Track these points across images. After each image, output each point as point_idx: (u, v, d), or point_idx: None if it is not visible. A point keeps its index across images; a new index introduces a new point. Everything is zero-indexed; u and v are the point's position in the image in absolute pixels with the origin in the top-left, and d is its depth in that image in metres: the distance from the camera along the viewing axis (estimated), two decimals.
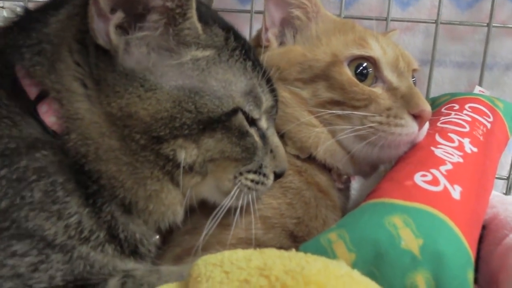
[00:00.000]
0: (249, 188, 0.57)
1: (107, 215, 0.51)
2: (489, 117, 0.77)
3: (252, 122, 0.57)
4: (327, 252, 0.47)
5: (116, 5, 0.48)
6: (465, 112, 0.77)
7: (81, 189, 0.50)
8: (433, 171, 0.57)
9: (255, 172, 0.57)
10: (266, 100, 0.58)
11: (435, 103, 0.89)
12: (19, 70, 0.52)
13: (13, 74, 0.52)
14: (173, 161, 0.51)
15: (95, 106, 0.50)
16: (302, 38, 0.73)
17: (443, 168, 0.58)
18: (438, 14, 0.98)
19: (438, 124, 0.73)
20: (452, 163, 0.59)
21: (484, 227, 0.64)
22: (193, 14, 0.50)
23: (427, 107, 0.64)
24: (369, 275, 0.44)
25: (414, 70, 0.75)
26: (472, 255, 0.48)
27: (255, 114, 0.56)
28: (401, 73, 0.69)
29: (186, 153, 0.51)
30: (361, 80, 0.67)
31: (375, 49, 0.68)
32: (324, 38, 0.70)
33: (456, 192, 0.54)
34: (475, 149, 0.65)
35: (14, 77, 0.52)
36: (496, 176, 1.01)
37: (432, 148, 0.63)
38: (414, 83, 0.74)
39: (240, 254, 0.45)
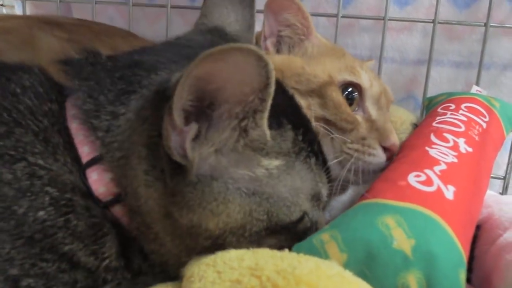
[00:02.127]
0: None
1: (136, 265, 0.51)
2: (485, 117, 0.77)
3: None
4: (319, 252, 0.48)
5: (188, 118, 0.43)
6: (461, 112, 0.77)
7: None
8: (427, 171, 0.57)
9: None
10: (324, 192, 0.55)
11: (432, 102, 0.89)
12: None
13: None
14: None
15: (159, 212, 0.47)
16: (299, 51, 0.76)
17: (437, 168, 0.58)
18: (435, 13, 0.98)
19: (434, 124, 0.73)
20: (446, 163, 0.59)
21: (478, 227, 0.64)
22: (263, 123, 0.46)
23: (396, 142, 0.70)
24: (361, 275, 0.44)
25: (390, 102, 0.81)
26: (464, 255, 0.49)
27: (317, 215, 0.54)
28: (380, 107, 0.75)
29: None
30: (348, 104, 0.71)
31: (364, 80, 0.73)
32: (320, 58, 0.75)
33: (449, 192, 0.54)
34: (470, 149, 0.65)
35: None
36: (493, 175, 1.02)
37: (427, 148, 0.63)
38: None
39: (233, 254, 0.46)
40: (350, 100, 0.72)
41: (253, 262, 0.42)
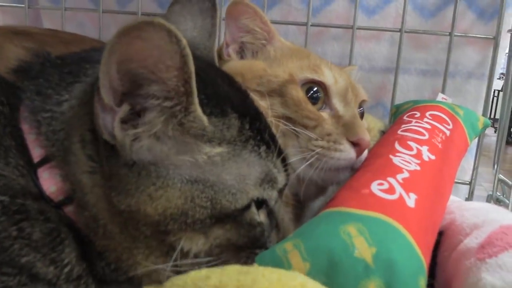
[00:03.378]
0: (251, 259, 0.54)
1: (99, 269, 0.50)
2: (448, 125, 0.79)
3: (263, 201, 0.54)
4: (282, 262, 0.48)
5: (120, 99, 0.44)
6: (425, 119, 0.79)
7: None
8: (390, 179, 0.58)
9: (258, 248, 0.54)
10: (281, 180, 0.55)
11: (399, 109, 0.91)
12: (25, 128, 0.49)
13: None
14: (177, 250, 0.48)
15: (104, 199, 0.47)
16: (262, 56, 0.77)
17: (399, 176, 0.59)
18: (402, 22, 1.01)
19: (399, 132, 0.74)
20: (409, 171, 0.61)
21: (441, 233, 0.65)
22: (196, 108, 0.46)
23: (365, 136, 0.69)
24: (323, 284, 0.45)
25: (363, 101, 0.81)
26: (424, 262, 0.50)
27: (270, 196, 0.53)
28: (348, 103, 0.74)
29: (192, 243, 0.48)
30: (312, 103, 0.71)
31: (328, 77, 0.73)
32: (282, 60, 0.75)
33: (411, 200, 0.55)
34: (432, 157, 0.67)
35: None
36: (459, 181, 1.04)
37: (391, 156, 0.64)
38: (362, 113, 0.81)
39: (203, 273, 0.45)
40: (314, 99, 0.72)
41: (217, 279, 0.42)
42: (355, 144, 0.69)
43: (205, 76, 0.51)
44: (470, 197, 1.04)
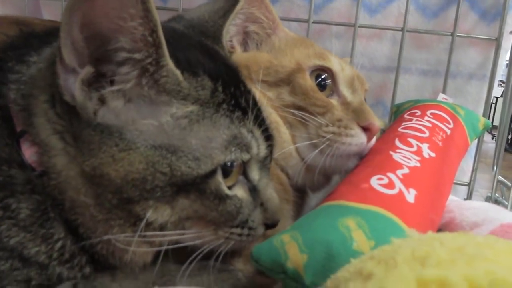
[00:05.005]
0: (233, 239, 0.53)
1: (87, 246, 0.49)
2: (449, 124, 0.79)
3: (243, 172, 0.53)
4: (279, 253, 0.47)
5: (84, 60, 0.44)
6: (426, 118, 0.78)
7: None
8: (390, 174, 0.57)
9: (238, 227, 0.53)
10: (258, 148, 0.53)
11: (400, 109, 0.90)
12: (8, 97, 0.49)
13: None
14: (143, 220, 0.47)
15: (72, 162, 0.46)
16: (266, 47, 0.77)
17: (399, 172, 0.58)
18: (404, 22, 1.00)
19: (399, 129, 0.74)
20: (409, 167, 0.60)
21: (440, 231, 0.64)
22: (167, 62, 0.45)
23: (375, 121, 0.69)
24: (320, 276, 0.44)
25: (365, 91, 0.81)
26: None
27: (239, 158, 0.50)
28: (355, 90, 0.74)
29: (157, 214, 0.47)
30: (320, 90, 0.71)
31: (335, 64, 0.73)
32: (287, 50, 0.75)
33: (410, 195, 0.54)
34: (433, 154, 0.66)
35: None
36: (458, 182, 1.04)
37: (391, 152, 0.64)
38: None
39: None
40: (322, 86, 0.71)
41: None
42: (365, 129, 0.69)
43: (179, 42, 0.52)
44: (469, 198, 1.03)
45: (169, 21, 0.64)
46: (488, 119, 0.92)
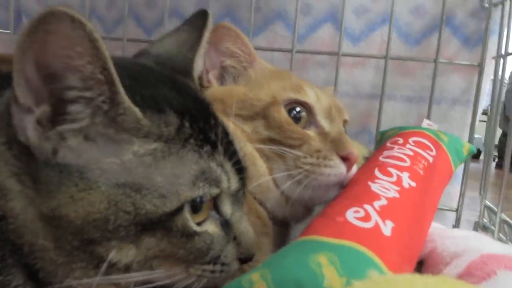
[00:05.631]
0: (205, 276, 0.52)
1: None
2: (432, 151, 0.78)
3: (214, 207, 0.52)
4: None
5: (39, 99, 0.43)
6: (408, 146, 0.78)
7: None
8: (366, 206, 0.56)
9: (210, 263, 0.51)
10: (229, 182, 0.52)
11: (384, 136, 0.90)
12: None
13: None
14: (107, 261, 0.45)
15: (30, 205, 0.44)
16: (243, 80, 0.77)
17: (377, 204, 0.57)
18: (387, 49, 1.01)
19: (380, 158, 0.73)
20: (387, 198, 0.59)
21: (422, 262, 0.63)
22: (123, 99, 0.44)
23: (354, 150, 0.68)
24: None
25: (345, 121, 0.81)
26: None
27: (207, 193, 0.49)
28: (333, 120, 0.74)
29: (121, 254, 0.46)
30: (296, 123, 0.71)
31: (310, 96, 0.73)
32: (264, 83, 0.75)
33: (387, 228, 0.53)
34: (413, 184, 0.65)
35: None
36: (445, 208, 1.03)
37: (369, 183, 0.63)
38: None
39: None
40: (297, 118, 0.71)
41: None
42: (344, 159, 0.68)
43: (147, 78, 0.51)
44: (457, 224, 1.02)
45: (136, 56, 0.63)
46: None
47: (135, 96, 0.46)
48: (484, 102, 1.07)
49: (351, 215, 0.55)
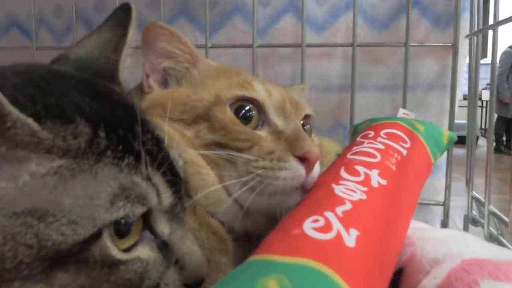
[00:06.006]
0: None
1: None
2: (406, 143, 0.71)
3: (149, 227, 0.45)
4: None
5: None
6: (379, 139, 0.70)
7: None
8: (327, 214, 0.49)
9: None
10: (159, 196, 0.45)
11: (357, 129, 0.82)
12: None
13: None
14: None
15: None
16: (186, 82, 0.69)
17: (339, 209, 0.50)
18: (353, 36, 0.94)
19: (348, 155, 0.65)
20: (352, 202, 0.51)
21: (400, 271, 0.55)
22: (9, 109, 0.36)
23: (312, 149, 0.61)
24: None
25: (308, 117, 0.73)
26: None
27: (130, 213, 0.41)
28: (287, 116, 0.66)
29: None
30: (245, 124, 0.63)
31: (259, 92, 0.65)
32: (208, 82, 0.67)
33: (351, 238, 0.46)
34: (383, 182, 0.58)
35: None
36: (432, 202, 0.95)
37: (333, 186, 0.55)
38: (310, 131, 0.73)
39: None
40: (247, 118, 0.64)
41: None
42: (302, 160, 0.61)
43: (55, 86, 0.44)
44: (445, 219, 0.94)
45: (53, 62, 0.56)
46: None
47: (36, 105, 0.39)
48: (464, 86, 1.00)
49: (309, 225, 0.47)
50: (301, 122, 0.71)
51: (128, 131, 0.44)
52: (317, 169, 0.63)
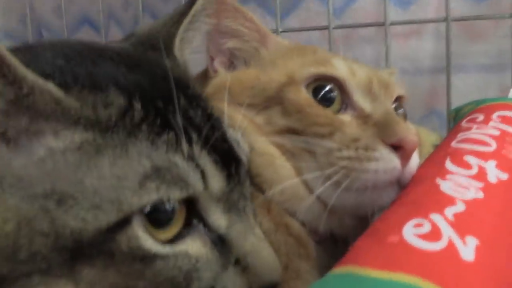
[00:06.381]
0: None
1: None
2: None
3: (199, 217, 0.39)
4: None
5: None
6: (491, 123, 0.58)
7: None
8: (434, 216, 0.38)
9: None
10: (205, 181, 0.38)
11: (459, 113, 0.70)
12: None
13: None
14: None
15: None
16: (255, 63, 0.62)
17: (450, 211, 0.39)
18: (447, 9, 0.83)
19: (453, 143, 0.54)
20: (465, 202, 0.40)
21: None
22: (24, 73, 0.32)
23: (409, 135, 0.51)
24: None
25: (400, 99, 0.63)
26: None
27: (165, 197, 0.36)
28: (375, 98, 0.57)
29: None
30: (325, 107, 0.55)
31: (340, 69, 0.56)
32: (280, 62, 0.60)
33: (468, 249, 0.35)
34: (504, 176, 0.46)
35: None
36: None
37: (438, 181, 0.44)
38: (404, 115, 0.64)
39: None
40: (328, 100, 0.55)
41: None
42: (396, 149, 0.51)
43: (87, 59, 0.41)
44: None
45: (122, 40, 0.55)
46: None
47: (66, 76, 0.36)
48: None
49: (410, 231, 0.37)
50: (393, 106, 0.61)
51: (170, 104, 0.39)
52: (415, 161, 0.53)
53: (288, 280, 0.50)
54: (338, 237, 0.58)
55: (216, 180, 0.39)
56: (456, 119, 0.71)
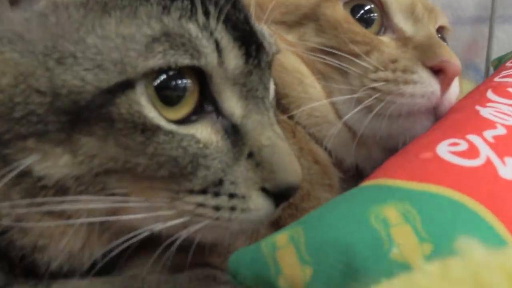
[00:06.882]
0: (205, 216, 0.34)
1: None
2: None
3: (212, 102, 0.35)
4: (267, 264, 0.28)
5: None
6: None
7: None
8: (471, 137, 0.36)
9: (208, 192, 0.34)
10: (222, 54, 0.35)
11: (502, 61, 0.67)
12: None
13: None
14: (29, 175, 0.32)
15: None
16: None
17: (489, 134, 0.36)
18: None
19: (496, 79, 0.51)
20: (506, 127, 0.38)
21: None
22: None
23: (452, 59, 0.46)
24: None
25: (442, 28, 0.59)
26: None
27: (180, 62, 0.33)
28: (418, 20, 0.53)
29: (47, 162, 0.32)
30: (365, 27, 0.51)
31: None
32: None
33: (507, 168, 0.32)
34: None
35: None
36: None
37: (477, 107, 0.42)
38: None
39: None
40: (366, 21, 0.52)
41: None
42: (437, 72, 0.47)
43: None
44: None
45: None
46: None
47: None
48: None
49: (444, 148, 0.34)
50: (437, 35, 0.56)
51: None
52: (455, 90, 0.49)
53: (308, 208, 0.47)
54: (364, 171, 0.55)
55: (232, 57, 0.35)
56: (498, 66, 0.67)
